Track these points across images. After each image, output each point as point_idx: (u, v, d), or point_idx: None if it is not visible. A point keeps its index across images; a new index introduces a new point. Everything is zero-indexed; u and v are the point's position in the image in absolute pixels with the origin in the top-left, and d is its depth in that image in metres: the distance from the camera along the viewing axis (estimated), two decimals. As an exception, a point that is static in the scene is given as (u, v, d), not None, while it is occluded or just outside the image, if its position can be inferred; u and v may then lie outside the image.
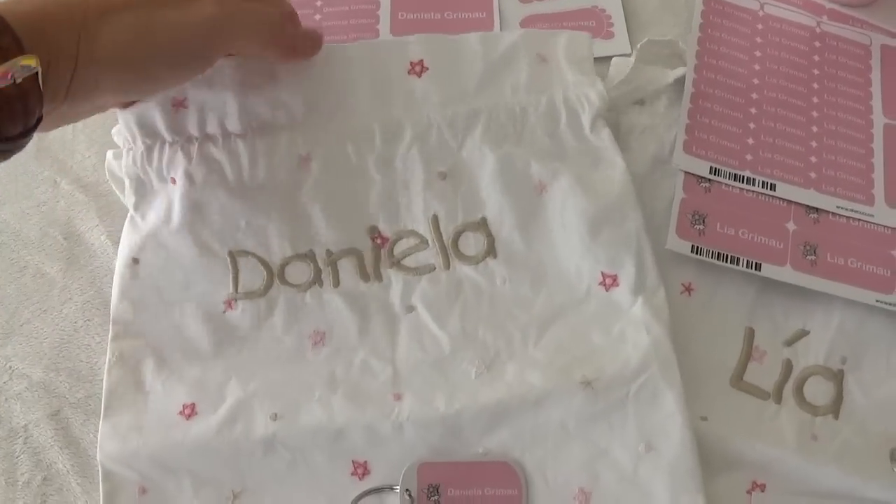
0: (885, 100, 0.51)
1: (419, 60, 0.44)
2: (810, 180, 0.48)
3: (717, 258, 0.45)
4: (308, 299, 0.43)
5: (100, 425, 0.41)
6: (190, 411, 0.41)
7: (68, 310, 0.47)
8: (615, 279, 0.42)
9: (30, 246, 0.49)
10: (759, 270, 0.45)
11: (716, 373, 0.44)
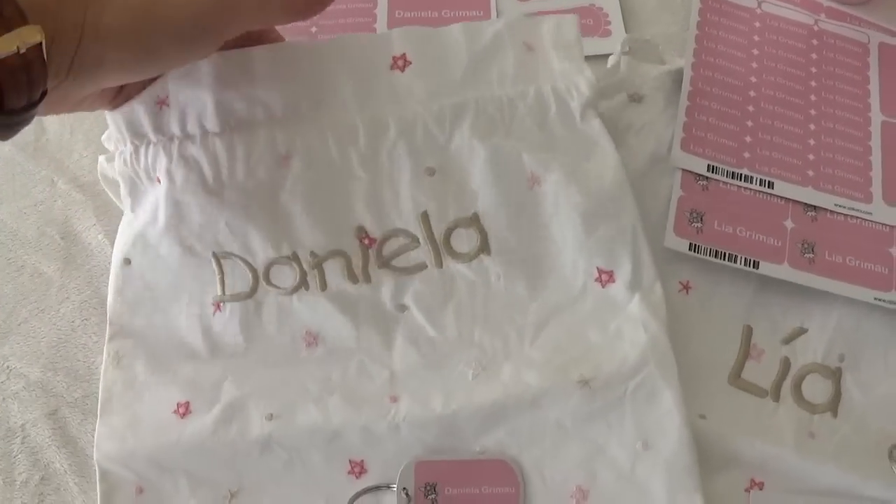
0: (884, 97, 0.51)
1: (401, 54, 0.42)
2: (808, 178, 0.48)
3: (715, 256, 0.45)
4: (296, 302, 0.43)
5: (97, 425, 0.41)
6: (184, 410, 0.41)
7: (65, 309, 0.47)
8: (611, 275, 0.41)
9: (27, 245, 0.49)
10: (757, 268, 0.45)
11: (714, 371, 0.44)
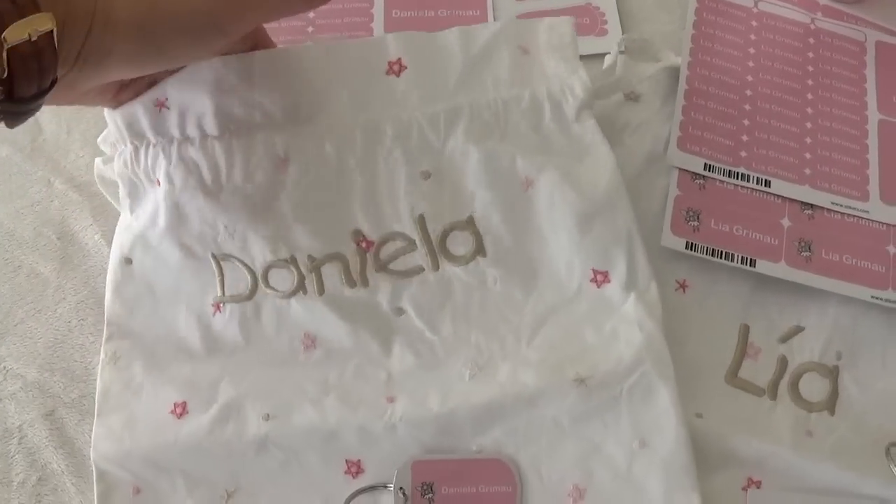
0: (880, 96, 0.51)
1: (397, 59, 0.42)
2: (805, 176, 0.48)
3: (712, 255, 0.45)
4: (294, 305, 0.43)
5: (93, 425, 0.41)
6: (181, 410, 0.41)
7: (62, 309, 0.47)
8: (606, 276, 0.42)
9: (24, 246, 0.49)
10: (754, 267, 0.45)
11: (711, 370, 0.44)
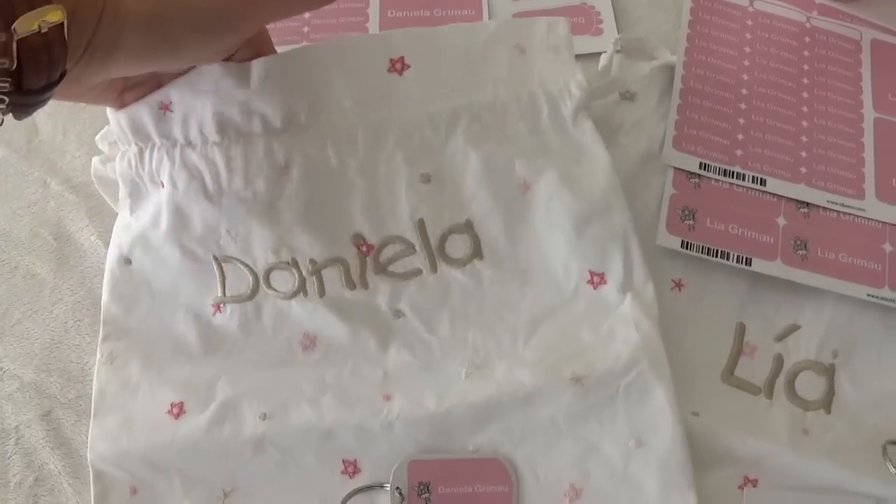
0: (876, 94, 0.51)
1: (399, 57, 0.42)
2: (801, 175, 0.48)
3: (708, 253, 0.45)
4: (294, 306, 0.43)
5: (90, 426, 0.41)
6: (178, 410, 0.41)
7: (59, 310, 0.47)
8: (603, 277, 0.42)
9: (20, 246, 0.49)
10: (750, 265, 0.45)
11: (707, 368, 0.44)
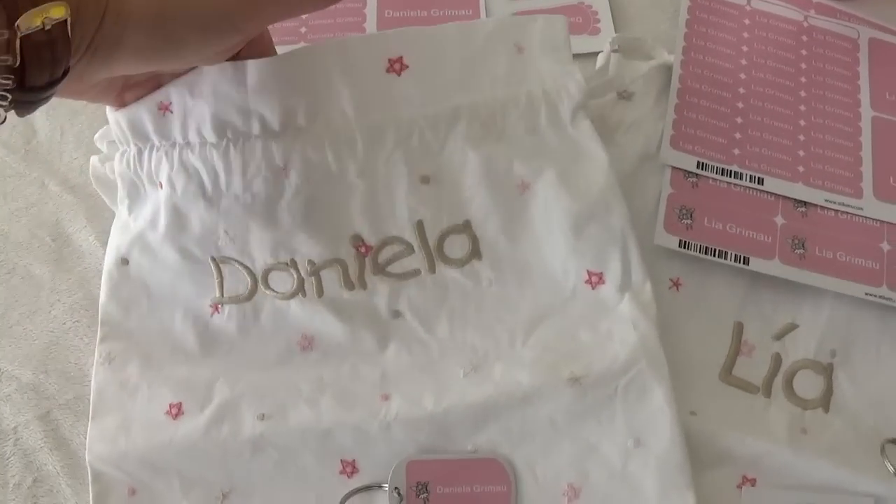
0: (874, 93, 0.51)
1: (398, 57, 0.42)
2: (798, 174, 0.48)
3: (706, 253, 0.45)
4: (293, 307, 0.43)
5: (88, 426, 0.41)
6: (177, 411, 0.41)
7: (57, 311, 0.47)
8: (601, 277, 0.42)
9: (18, 248, 0.49)
10: (748, 264, 0.45)
11: (705, 368, 0.44)
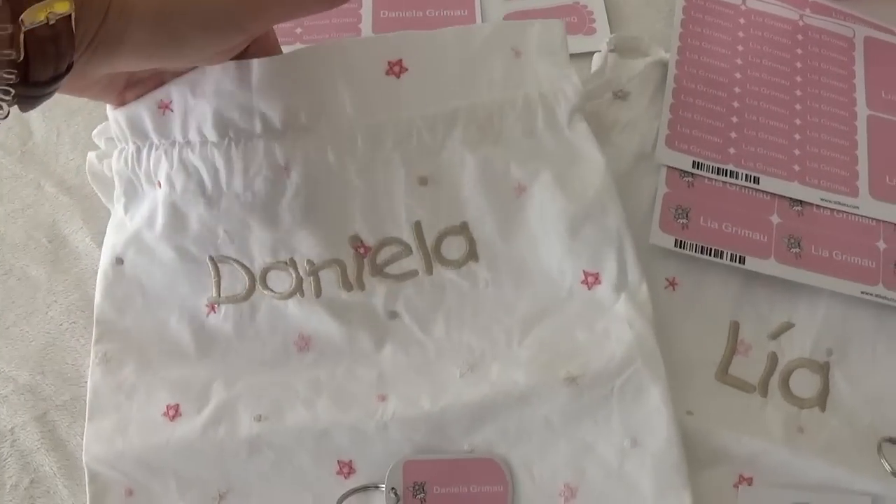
0: (869, 91, 0.51)
1: (398, 60, 0.42)
2: (794, 173, 0.48)
3: (701, 252, 0.45)
4: (290, 307, 0.43)
5: (85, 427, 0.41)
6: (174, 412, 0.41)
7: (53, 312, 0.47)
8: (597, 277, 0.42)
9: (14, 249, 0.49)
10: (744, 264, 0.45)
11: (701, 367, 0.44)
